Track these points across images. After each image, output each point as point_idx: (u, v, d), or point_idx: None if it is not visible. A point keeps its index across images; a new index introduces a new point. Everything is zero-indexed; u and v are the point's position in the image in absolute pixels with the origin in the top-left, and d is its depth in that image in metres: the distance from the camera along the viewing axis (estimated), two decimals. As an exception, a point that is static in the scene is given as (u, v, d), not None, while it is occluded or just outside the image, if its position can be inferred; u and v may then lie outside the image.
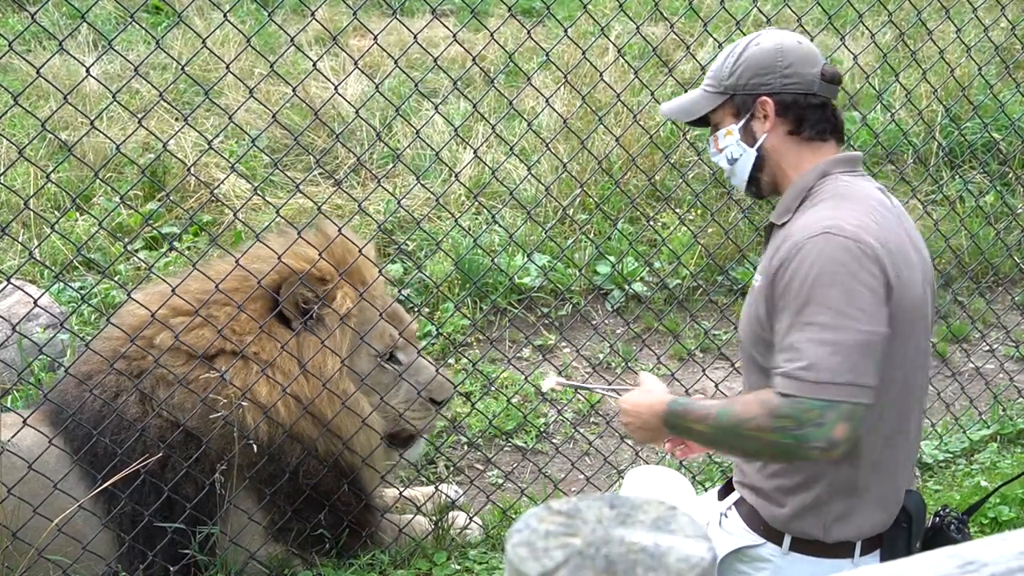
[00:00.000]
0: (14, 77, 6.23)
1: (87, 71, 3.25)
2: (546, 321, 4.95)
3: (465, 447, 4.20)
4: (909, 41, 6.01)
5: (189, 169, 5.16)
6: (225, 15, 3.08)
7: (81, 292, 4.47)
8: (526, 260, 4.84)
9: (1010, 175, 5.78)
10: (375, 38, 3.25)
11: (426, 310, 4.87)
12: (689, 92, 2.39)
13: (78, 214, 5.22)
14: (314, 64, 3.30)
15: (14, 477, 2.97)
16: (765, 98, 2.24)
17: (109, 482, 3.00)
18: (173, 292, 3.13)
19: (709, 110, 2.32)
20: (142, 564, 3.16)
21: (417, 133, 3.71)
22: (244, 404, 3.17)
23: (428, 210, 5.21)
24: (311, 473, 3.31)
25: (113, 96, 2.93)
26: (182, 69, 3.46)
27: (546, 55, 3.99)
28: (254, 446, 3.17)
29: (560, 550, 0.95)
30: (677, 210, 5.12)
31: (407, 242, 5.20)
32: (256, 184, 4.29)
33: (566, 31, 3.68)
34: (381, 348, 3.40)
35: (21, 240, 4.87)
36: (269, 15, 3.29)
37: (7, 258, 4.93)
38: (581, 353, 4.56)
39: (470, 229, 5.00)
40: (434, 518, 3.62)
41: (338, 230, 3.32)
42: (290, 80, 5.53)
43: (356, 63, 3.37)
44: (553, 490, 3.92)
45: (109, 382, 3.21)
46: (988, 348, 4.90)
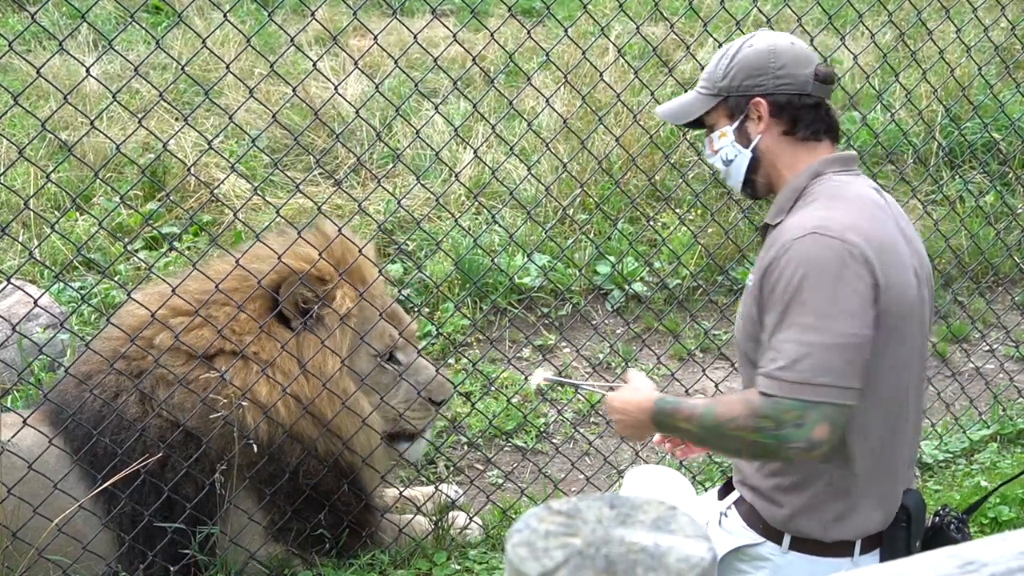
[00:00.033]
0: (14, 77, 6.22)
1: (87, 71, 3.26)
2: (546, 321, 4.95)
3: (465, 447, 4.20)
4: (909, 41, 6.01)
5: (189, 169, 5.16)
6: (225, 15, 3.08)
7: (81, 292, 4.47)
8: (526, 260, 4.83)
9: (1010, 175, 5.78)
10: (375, 38, 3.25)
11: (426, 310, 4.87)
12: (684, 94, 2.39)
13: (78, 214, 5.22)
14: (314, 64, 3.30)
15: (14, 477, 2.97)
16: (759, 99, 2.24)
17: (109, 482, 3.00)
18: (173, 292, 3.13)
19: (703, 112, 2.32)
20: (142, 564, 3.16)
21: (417, 133, 3.72)
22: (244, 404, 3.17)
23: (428, 210, 5.20)
24: (311, 473, 3.31)
25: (113, 96, 2.93)
26: (182, 69, 3.46)
27: (546, 55, 3.99)
28: (254, 446, 3.17)
29: (560, 550, 0.95)
30: (677, 210, 5.12)
31: (407, 242, 5.19)
32: (256, 184, 4.29)
33: (566, 31, 3.68)
34: (381, 348, 3.40)
35: (21, 240, 4.87)
36: (269, 15, 3.29)
37: (7, 258, 4.93)
38: (581, 353, 4.55)
39: (470, 229, 4.99)
40: (434, 518, 3.62)
41: (338, 230, 3.33)
42: (290, 80, 5.53)
43: (356, 63, 3.37)
44: (553, 490, 3.92)
45: (109, 382, 3.21)
46: (988, 348, 4.90)
